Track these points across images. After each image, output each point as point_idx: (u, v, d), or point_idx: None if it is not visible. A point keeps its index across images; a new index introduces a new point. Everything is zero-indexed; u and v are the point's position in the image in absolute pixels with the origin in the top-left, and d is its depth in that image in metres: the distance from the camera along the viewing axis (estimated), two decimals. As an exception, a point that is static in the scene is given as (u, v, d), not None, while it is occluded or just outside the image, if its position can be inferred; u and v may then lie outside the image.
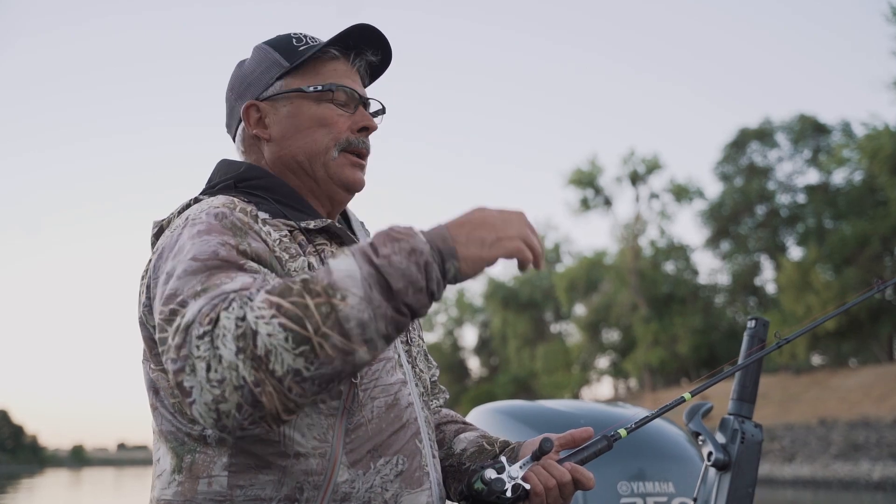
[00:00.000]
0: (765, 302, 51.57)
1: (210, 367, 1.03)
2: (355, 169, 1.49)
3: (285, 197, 1.44)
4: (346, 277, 1.07)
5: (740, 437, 1.79)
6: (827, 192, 46.46)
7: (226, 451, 1.26)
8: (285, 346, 1.03)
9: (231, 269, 1.17)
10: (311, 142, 1.46)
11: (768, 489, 25.74)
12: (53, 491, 37.65)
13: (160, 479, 1.33)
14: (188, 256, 1.19)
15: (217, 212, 1.28)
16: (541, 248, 1.23)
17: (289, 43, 1.50)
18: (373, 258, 1.09)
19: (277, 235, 1.32)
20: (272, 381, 1.03)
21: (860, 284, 38.97)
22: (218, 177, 1.48)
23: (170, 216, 1.41)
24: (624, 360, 55.19)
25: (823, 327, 39.15)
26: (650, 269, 54.69)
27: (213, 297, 1.09)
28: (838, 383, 38.27)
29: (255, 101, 1.49)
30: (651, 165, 53.95)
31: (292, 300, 1.05)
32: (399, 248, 1.10)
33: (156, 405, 1.34)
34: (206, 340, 1.04)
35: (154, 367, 1.33)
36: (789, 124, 48.99)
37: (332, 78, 1.47)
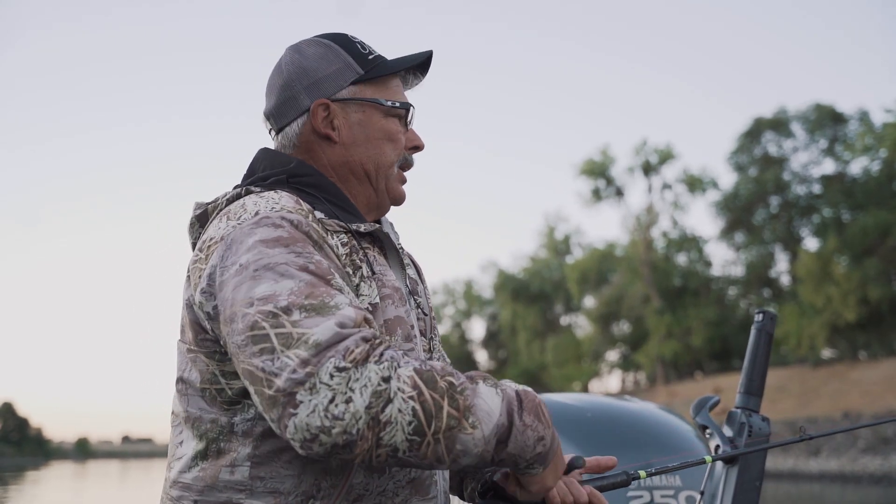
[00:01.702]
0: (779, 293, 51.06)
1: (334, 400, 1.10)
2: (402, 184, 1.57)
3: (334, 197, 1.47)
4: (486, 413, 1.17)
5: (747, 430, 1.79)
6: (843, 183, 45.86)
7: (251, 442, 1.30)
8: (405, 427, 1.12)
9: (325, 284, 1.23)
10: (379, 153, 1.52)
11: (794, 483, 25.16)
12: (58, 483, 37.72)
13: (180, 461, 1.36)
14: (274, 260, 1.23)
15: (293, 218, 1.31)
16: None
17: (356, 48, 1.53)
18: (514, 417, 1.20)
19: (336, 241, 1.37)
20: (374, 443, 1.12)
21: (881, 275, 38.44)
22: (262, 167, 1.50)
23: (217, 201, 1.44)
24: (636, 353, 54.85)
25: (844, 318, 38.60)
26: (662, 260, 54.22)
27: (348, 331, 1.15)
28: (858, 376, 37.74)
29: (328, 100, 1.50)
30: (664, 156, 53.48)
31: (433, 395, 1.14)
32: (535, 427, 1.22)
33: (185, 389, 1.37)
34: (343, 377, 1.11)
35: (194, 349, 1.35)
36: (805, 114, 48.48)
37: (397, 95, 1.54)
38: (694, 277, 53.76)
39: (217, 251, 1.30)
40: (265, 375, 1.14)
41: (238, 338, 1.20)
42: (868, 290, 38.06)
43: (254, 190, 1.43)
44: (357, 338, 1.15)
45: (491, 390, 1.20)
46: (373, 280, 1.40)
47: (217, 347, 1.32)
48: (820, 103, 47.94)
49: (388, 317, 1.41)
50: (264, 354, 1.15)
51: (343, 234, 1.40)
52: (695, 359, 52.67)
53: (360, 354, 1.13)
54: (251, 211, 1.33)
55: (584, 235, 66.63)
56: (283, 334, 1.15)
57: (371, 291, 1.39)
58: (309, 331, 1.14)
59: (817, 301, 39.64)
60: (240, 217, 1.33)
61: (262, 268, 1.22)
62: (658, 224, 55.51)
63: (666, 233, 55.72)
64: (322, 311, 1.17)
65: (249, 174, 1.52)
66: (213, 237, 1.33)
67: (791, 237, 49.49)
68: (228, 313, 1.23)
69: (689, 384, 49.44)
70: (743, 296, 53.82)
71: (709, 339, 49.90)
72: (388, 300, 1.41)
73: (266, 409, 1.16)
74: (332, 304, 1.19)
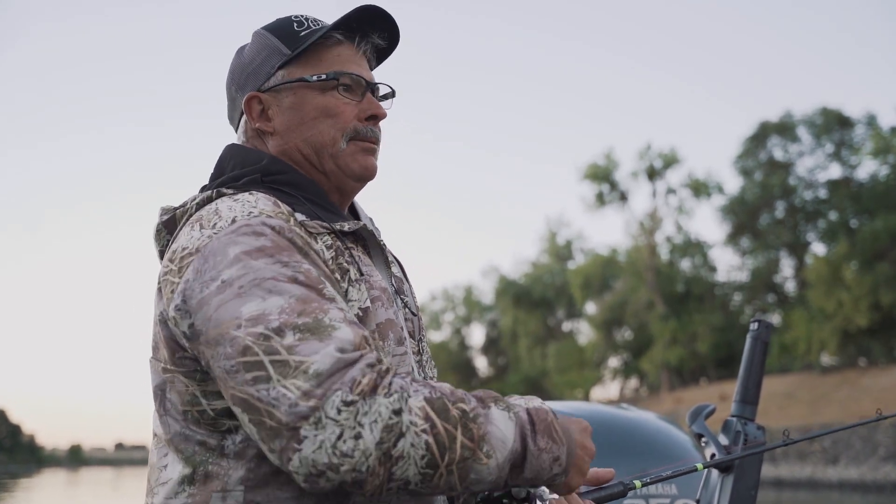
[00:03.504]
0: (784, 299, 50.57)
1: (342, 437, 1.05)
2: (367, 155, 1.45)
3: (313, 195, 1.39)
4: (500, 441, 1.13)
5: (743, 438, 1.78)
6: (850, 187, 45.42)
7: (243, 464, 1.22)
8: (418, 461, 1.08)
9: (317, 296, 1.17)
10: (316, 133, 1.42)
11: (812, 492, 24.48)
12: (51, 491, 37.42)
13: (165, 486, 1.28)
14: (260, 274, 1.16)
15: (275, 223, 1.23)
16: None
17: (289, 28, 1.44)
18: (528, 443, 1.16)
19: (322, 245, 1.30)
20: (385, 478, 1.08)
21: (892, 280, 37.90)
22: (232, 165, 1.42)
23: (186, 206, 1.35)
24: (640, 359, 54.32)
25: (855, 324, 38.02)
26: (666, 266, 53.75)
27: (349, 356, 1.10)
28: (869, 382, 37.20)
29: (258, 92, 1.44)
30: (668, 160, 53.03)
31: (446, 426, 1.10)
32: (550, 449, 1.18)
33: (162, 410, 1.30)
34: (351, 411, 1.06)
35: (170, 368, 1.27)
36: (811, 117, 48.07)
37: (336, 65, 1.43)
38: (698, 283, 53.29)
39: (192, 264, 1.21)
40: (263, 406, 1.08)
41: (227, 363, 1.12)
42: (880, 295, 37.50)
43: (226, 192, 1.33)
44: (363, 366, 1.10)
45: (503, 415, 1.16)
46: (361, 283, 1.32)
47: (197, 367, 1.23)
48: (827, 107, 47.53)
49: (380, 320, 1.32)
50: (259, 384, 1.09)
51: (327, 235, 1.32)
52: (700, 365, 52.13)
53: (367, 385, 1.08)
54: (227, 217, 1.24)
55: (586, 241, 66.14)
56: (278, 361, 1.09)
57: (360, 295, 1.30)
58: (307, 359, 1.08)
59: (828, 306, 39.06)
60: (214, 225, 1.23)
61: (247, 284, 1.15)
62: (662, 229, 55.09)
63: (670, 238, 55.30)
64: (318, 331, 1.11)
65: (218, 173, 1.43)
66: (187, 248, 1.24)
67: (797, 242, 49.05)
68: (213, 335, 1.15)
69: (694, 390, 48.90)
70: (748, 301, 53.32)
71: (714, 346, 49.40)
72: (377, 302, 1.33)
73: (264, 440, 1.10)
74: (326, 321, 1.13)
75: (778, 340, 43.59)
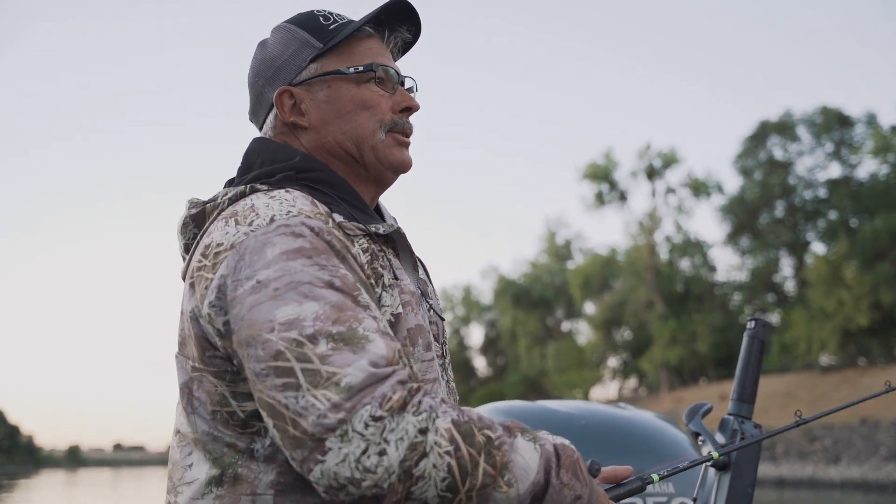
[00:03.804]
0: (783, 299, 50.49)
1: (367, 452, 1.04)
2: (402, 149, 1.44)
3: (347, 195, 1.38)
4: (523, 472, 1.12)
5: (740, 437, 1.79)
6: (850, 187, 45.34)
7: (274, 468, 1.21)
8: (438, 483, 1.07)
9: (352, 303, 1.15)
10: (355, 126, 1.40)
11: (813, 492, 24.37)
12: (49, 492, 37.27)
13: (190, 486, 1.26)
14: (297, 277, 1.15)
15: (314, 225, 1.22)
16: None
17: (316, 21, 1.42)
18: (552, 476, 1.14)
19: (358, 248, 1.29)
20: (403, 496, 1.07)
21: (892, 279, 37.82)
22: (261, 161, 1.39)
23: (217, 200, 1.33)
24: (640, 359, 54.25)
25: (856, 324, 37.93)
26: (666, 266, 53.66)
27: (381, 372, 1.09)
28: (870, 382, 37.07)
29: (289, 86, 1.41)
30: (668, 159, 52.97)
31: (470, 451, 1.09)
32: (573, 486, 1.16)
33: (190, 408, 1.28)
34: (378, 426, 1.05)
35: (199, 367, 1.25)
36: (811, 117, 48.00)
37: (368, 57, 1.41)
38: (698, 283, 53.21)
39: (227, 261, 1.19)
40: (289, 413, 1.08)
41: (257, 365, 1.12)
42: (880, 294, 37.42)
43: (260, 188, 1.31)
44: (394, 382, 1.09)
45: (529, 445, 1.15)
46: (395, 287, 1.31)
47: (228, 367, 1.21)
48: (826, 106, 47.48)
49: (410, 325, 1.31)
50: (288, 390, 1.08)
51: (362, 237, 1.31)
52: (699, 365, 52.05)
53: (397, 402, 1.07)
54: (264, 215, 1.22)
55: (585, 240, 66.14)
56: (310, 370, 1.08)
57: (393, 301, 1.30)
58: (340, 371, 1.08)
59: (828, 306, 38.97)
60: (251, 222, 1.22)
61: (283, 286, 1.13)
62: (662, 229, 55.02)
63: (670, 237, 55.22)
64: (351, 342, 1.10)
65: (246, 168, 1.40)
66: (221, 243, 1.22)
67: (797, 242, 48.98)
68: (245, 335, 1.14)
69: (694, 390, 48.81)
70: (748, 301, 53.25)
71: (714, 345, 49.33)
72: (408, 307, 1.31)
73: (288, 447, 1.09)
74: (360, 331, 1.12)
75: (778, 340, 43.52)
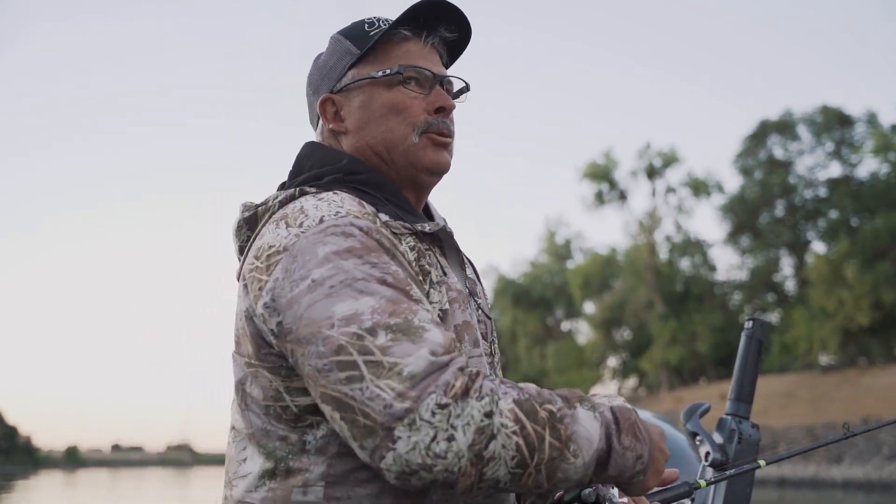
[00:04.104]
0: (783, 298, 50.38)
1: (436, 438, 1.07)
2: (439, 149, 1.44)
3: (393, 196, 1.40)
4: (586, 440, 1.15)
5: (737, 437, 1.80)
6: (850, 186, 45.24)
7: (325, 460, 1.25)
8: (508, 462, 1.10)
9: (405, 298, 1.19)
10: (386, 130, 1.42)
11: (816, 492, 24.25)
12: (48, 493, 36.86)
13: (244, 479, 1.30)
14: (351, 274, 1.18)
15: (363, 224, 1.25)
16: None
17: (361, 29, 1.46)
18: (613, 441, 1.18)
19: (406, 247, 1.32)
20: (477, 478, 1.10)
21: (893, 279, 37.73)
22: (311, 164, 1.43)
23: (268, 204, 1.37)
24: (640, 359, 54.13)
25: (857, 323, 37.81)
26: (666, 265, 53.54)
27: (441, 359, 1.13)
28: (870, 382, 37.03)
29: (330, 94, 1.47)
30: (668, 159, 52.87)
31: (535, 427, 1.12)
32: (634, 447, 1.20)
33: (244, 405, 1.32)
34: (444, 413, 1.08)
35: (255, 363, 1.29)
36: (811, 116, 47.90)
37: (403, 60, 1.43)
38: (698, 282, 53.10)
39: (281, 263, 1.23)
40: (357, 405, 1.11)
41: (318, 361, 1.15)
42: (881, 293, 37.31)
43: (308, 190, 1.35)
44: (455, 369, 1.12)
45: (589, 414, 1.18)
46: (442, 285, 1.34)
47: (282, 363, 1.25)
48: (827, 105, 47.40)
49: (457, 322, 1.34)
50: (353, 383, 1.12)
51: (409, 236, 1.34)
52: (699, 364, 51.95)
53: (460, 389, 1.10)
54: (314, 217, 1.26)
55: (585, 240, 66.01)
56: (372, 362, 1.12)
57: (441, 297, 1.33)
58: (401, 360, 1.11)
59: (829, 305, 38.84)
60: (301, 223, 1.25)
61: (338, 284, 1.17)
62: (662, 228, 54.90)
63: (670, 237, 55.11)
64: (409, 333, 1.14)
65: (297, 171, 1.44)
66: (273, 245, 1.25)
67: (797, 241, 48.88)
68: (304, 333, 1.17)
69: (694, 390, 48.71)
70: (748, 301, 53.14)
71: (714, 345, 49.21)
72: (455, 304, 1.35)
73: (356, 437, 1.12)
74: (416, 322, 1.15)
75: (779, 339, 43.41)
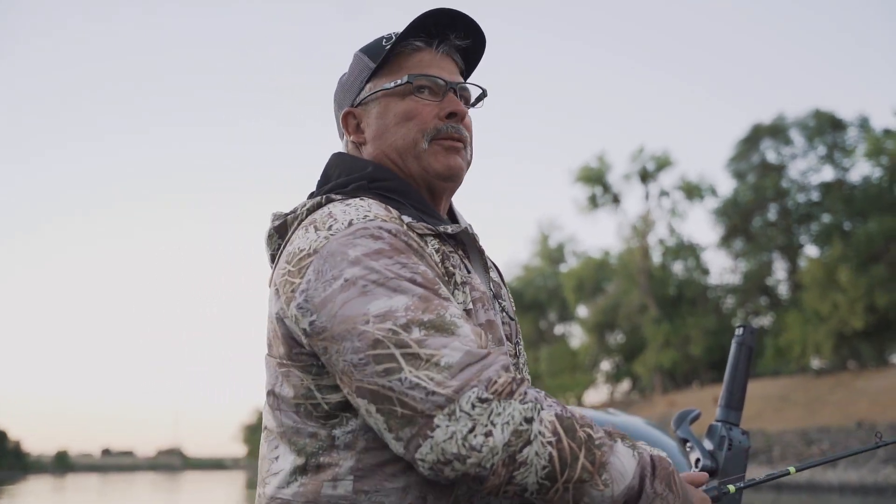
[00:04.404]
0: (776, 302, 50.36)
1: (474, 431, 1.10)
2: (450, 154, 1.46)
3: (416, 201, 1.44)
4: (619, 474, 1.17)
5: (727, 443, 1.81)
6: (842, 190, 45.28)
7: (354, 455, 1.27)
8: (539, 471, 1.12)
9: (435, 296, 1.22)
10: (399, 137, 1.46)
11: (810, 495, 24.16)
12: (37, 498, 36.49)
13: (276, 476, 1.33)
14: (383, 274, 1.21)
15: (391, 227, 1.29)
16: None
17: (378, 44, 1.50)
18: (646, 483, 1.20)
19: (431, 248, 1.35)
20: (506, 479, 1.12)
21: (887, 282, 37.74)
22: (338, 173, 1.47)
23: (297, 212, 1.40)
24: (633, 362, 54.03)
25: (851, 326, 37.79)
26: (659, 269, 53.48)
27: (479, 353, 1.16)
28: (864, 385, 36.98)
29: (351, 107, 1.52)
30: (661, 162, 52.80)
31: (571, 444, 1.14)
32: (665, 497, 1.21)
33: (277, 404, 1.35)
34: (485, 408, 1.11)
35: (286, 363, 1.32)
36: (804, 120, 47.91)
37: (416, 69, 1.46)
38: (691, 286, 53.05)
39: (312, 265, 1.26)
40: (396, 395, 1.14)
41: (354, 356, 1.18)
42: (875, 297, 37.30)
43: (335, 198, 1.39)
44: (498, 367, 1.15)
45: (628, 451, 1.20)
46: (466, 286, 1.37)
47: (314, 361, 1.29)
48: (819, 109, 47.40)
49: (481, 321, 1.36)
50: (391, 374, 1.15)
51: (433, 238, 1.37)
52: (693, 368, 51.88)
53: (502, 387, 1.13)
54: (342, 221, 1.29)
55: (578, 243, 66.06)
56: (409, 354, 1.15)
57: (465, 298, 1.35)
58: (437, 352, 1.15)
59: (823, 309, 38.80)
60: (330, 227, 1.29)
61: (371, 283, 1.20)
62: (655, 231, 54.82)
63: (663, 240, 55.03)
64: (442, 328, 1.17)
65: (325, 181, 1.49)
66: (304, 249, 1.29)
67: (790, 245, 48.89)
68: (339, 330, 1.20)
69: (687, 393, 48.62)
70: (741, 304, 53.13)
71: (707, 349, 49.13)
72: (478, 304, 1.37)
73: (393, 428, 1.15)
74: (448, 318, 1.19)
75: (773, 343, 43.36)
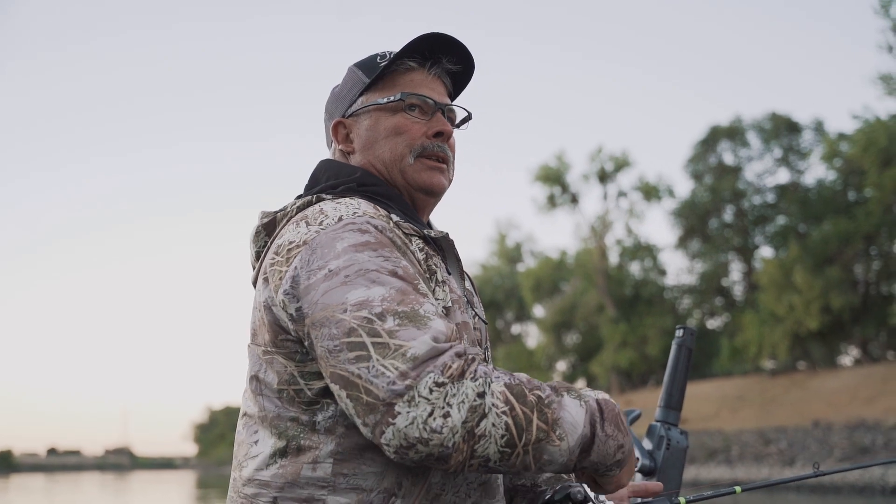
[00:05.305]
0: (732, 303, 50.82)
1: (433, 414, 1.16)
2: (433, 172, 1.55)
3: (401, 207, 1.51)
4: (571, 426, 1.24)
5: (666, 443, 1.85)
6: (797, 192, 45.82)
7: (334, 439, 1.32)
8: (498, 440, 1.19)
9: (413, 290, 1.28)
10: (387, 150, 1.53)
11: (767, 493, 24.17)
12: (-22, 499, 34.88)
13: (255, 459, 1.37)
14: (365, 265, 1.27)
15: (378, 223, 1.35)
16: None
17: (373, 60, 1.57)
18: (597, 428, 1.27)
19: (415, 246, 1.42)
20: (468, 454, 1.18)
21: (841, 283, 38.22)
22: (326, 177, 1.53)
23: (287, 209, 1.46)
24: (590, 362, 54.09)
25: (806, 327, 38.19)
26: (616, 269, 53.61)
27: (442, 346, 1.21)
28: (818, 385, 37.36)
29: (342, 118, 1.59)
30: (620, 163, 52.90)
31: (524, 409, 1.21)
32: (615, 437, 1.29)
33: (260, 389, 1.40)
34: (441, 392, 1.17)
35: (271, 350, 1.37)
36: (760, 122, 48.36)
37: (408, 88, 1.54)
38: (648, 286, 53.25)
39: (300, 255, 1.32)
40: (362, 382, 1.19)
41: (330, 343, 1.23)
42: (830, 298, 37.74)
43: (325, 197, 1.45)
44: (452, 353, 1.21)
45: (575, 402, 1.26)
46: (445, 285, 1.43)
47: (298, 348, 1.34)
48: (776, 112, 47.92)
49: (458, 321, 1.42)
50: (360, 362, 1.20)
51: (418, 238, 1.44)
52: (649, 368, 52.10)
53: (456, 370, 1.19)
54: (333, 216, 1.35)
55: (536, 243, 65.73)
56: (379, 343, 1.20)
57: (444, 296, 1.41)
58: (406, 343, 1.19)
59: (779, 309, 39.14)
60: (321, 222, 1.35)
61: (353, 273, 1.26)
62: (613, 232, 54.91)
63: (620, 241, 55.14)
64: (415, 320, 1.22)
65: (313, 184, 1.54)
66: (293, 241, 1.35)
67: (746, 246, 49.32)
68: (319, 317, 1.25)
69: (643, 393, 48.79)
70: (697, 305, 53.50)
71: (664, 349, 49.20)
72: (455, 304, 1.43)
73: (360, 413, 1.20)
74: (422, 312, 1.24)
75: (728, 344, 43.67)
